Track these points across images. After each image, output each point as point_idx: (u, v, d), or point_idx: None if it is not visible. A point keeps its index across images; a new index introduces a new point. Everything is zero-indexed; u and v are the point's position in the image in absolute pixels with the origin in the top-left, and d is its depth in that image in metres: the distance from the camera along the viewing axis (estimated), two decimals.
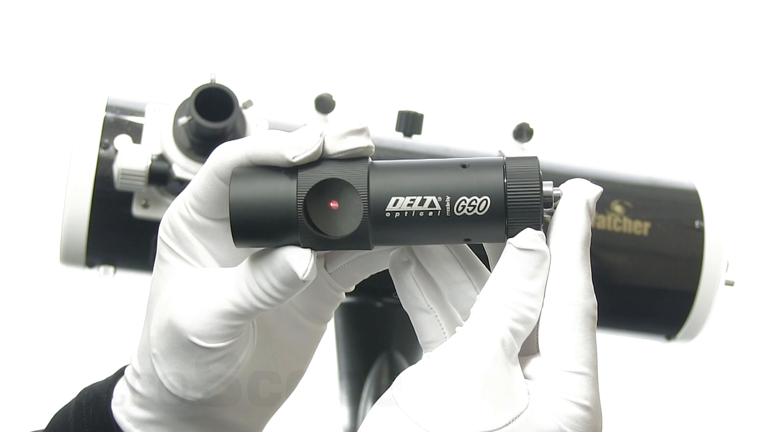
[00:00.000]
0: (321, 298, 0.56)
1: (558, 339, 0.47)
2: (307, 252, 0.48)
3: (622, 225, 0.91)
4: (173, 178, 0.80)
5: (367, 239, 0.47)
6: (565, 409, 0.46)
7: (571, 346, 0.47)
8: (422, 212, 0.47)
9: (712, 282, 0.92)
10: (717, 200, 0.95)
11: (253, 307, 0.50)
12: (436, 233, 0.47)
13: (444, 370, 0.46)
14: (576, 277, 0.48)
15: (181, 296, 0.52)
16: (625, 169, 0.97)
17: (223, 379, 0.53)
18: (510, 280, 0.47)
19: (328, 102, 0.89)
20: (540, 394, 0.46)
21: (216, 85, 0.79)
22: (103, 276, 0.86)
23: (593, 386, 0.47)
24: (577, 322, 0.47)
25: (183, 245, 0.52)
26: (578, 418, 0.46)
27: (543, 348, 0.47)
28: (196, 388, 0.53)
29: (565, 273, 0.48)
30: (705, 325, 0.93)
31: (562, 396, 0.46)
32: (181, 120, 0.79)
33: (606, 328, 0.96)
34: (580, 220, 0.48)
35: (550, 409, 0.46)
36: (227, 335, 0.51)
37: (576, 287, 0.47)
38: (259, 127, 0.86)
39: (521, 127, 0.93)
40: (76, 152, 0.82)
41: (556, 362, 0.47)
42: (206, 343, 0.51)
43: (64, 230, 0.83)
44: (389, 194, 0.47)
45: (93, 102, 0.85)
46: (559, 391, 0.46)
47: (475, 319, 0.47)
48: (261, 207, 0.48)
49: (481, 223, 0.47)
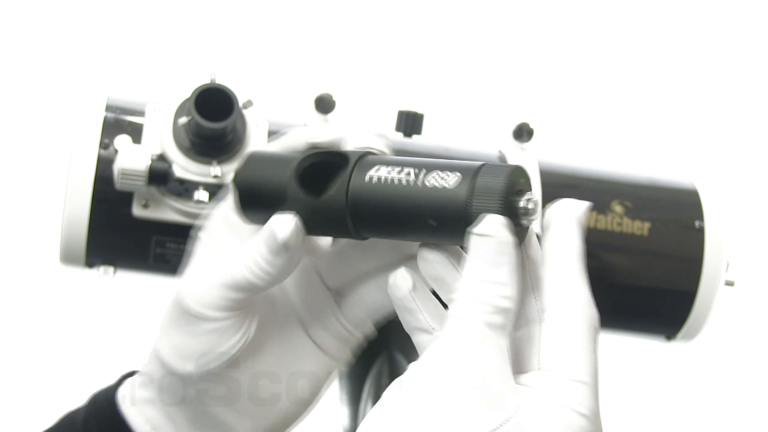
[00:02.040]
0: (326, 329, 0.57)
1: (559, 349, 0.47)
2: (289, 216, 0.50)
3: (622, 225, 0.91)
4: (173, 178, 0.80)
5: (344, 203, 0.49)
6: (560, 416, 0.45)
7: (571, 355, 0.46)
8: (397, 180, 0.48)
9: (712, 282, 0.92)
10: (717, 200, 0.95)
11: (246, 280, 0.51)
12: (406, 205, 0.48)
13: (426, 378, 0.45)
14: (576, 290, 0.48)
15: (190, 271, 0.55)
16: (625, 169, 0.97)
17: (214, 354, 0.53)
18: (475, 272, 0.46)
19: (328, 102, 0.89)
20: (535, 401, 0.45)
21: (216, 85, 0.79)
22: (103, 276, 0.86)
23: (593, 396, 0.46)
24: (579, 333, 0.47)
25: (211, 235, 0.55)
26: (575, 426, 0.45)
27: (545, 359, 0.47)
28: (186, 358, 0.54)
29: (565, 286, 0.47)
30: (705, 325, 0.93)
31: (559, 403, 0.45)
32: (181, 120, 0.79)
33: (606, 328, 0.96)
34: (573, 235, 0.48)
35: (545, 416, 0.45)
36: (223, 306, 0.52)
37: (577, 299, 0.48)
38: (259, 127, 0.86)
39: (521, 127, 0.93)
40: (76, 152, 0.82)
41: (555, 371, 0.46)
42: (202, 310, 0.53)
43: (64, 230, 0.83)
44: (375, 163, 0.49)
45: (93, 102, 0.85)
46: (555, 398, 0.45)
47: (450, 323, 0.46)
48: (261, 176, 0.51)
49: (446, 199, 0.46)
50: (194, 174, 0.80)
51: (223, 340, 0.53)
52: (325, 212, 0.50)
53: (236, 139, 0.81)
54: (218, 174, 0.79)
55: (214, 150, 0.80)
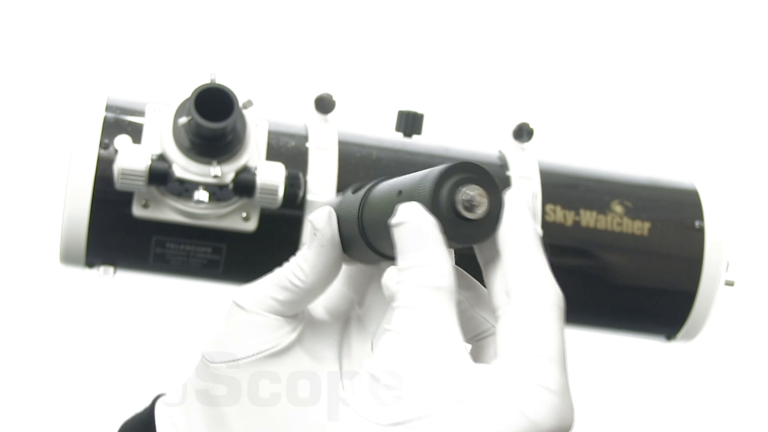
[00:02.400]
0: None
1: (524, 329, 0.46)
2: (325, 206, 0.53)
3: (622, 225, 0.91)
4: (173, 178, 0.80)
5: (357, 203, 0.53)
6: (524, 391, 0.44)
7: (537, 333, 0.46)
8: (386, 184, 0.52)
9: (712, 282, 0.92)
10: (717, 200, 0.95)
11: (286, 278, 0.53)
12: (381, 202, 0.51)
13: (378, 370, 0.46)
14: (538, 272, 0.47)
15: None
16: (625, 169, 0.97)
17: (243, 345, 0.54)
18: (404, 260, 0.47)
19: (328, 102, 0.89)
20: (496, 378, 0.45)
21: (216, 85, 0.79)
22: (103, 276, 0.86)
23: (560, 372, 0.45)
24: (544, 312, 0.46)
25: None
26: (540, 400, 0.44)
27: (511, 340, 0.46)
28: (220, 345, 0.55)
29: (527, 270, 0.47)
30: (705, 325, 0.93)
31: (523, 378, 0.45)
32: (181, 120, 0.79)
33: (606, 328, 0.96)
34: (524, 220, 0.48)
35: (506, 392, 0.44)
36: (264, 304, 0.54)
37: (540, 281, 0.47)
38: (259, 127, 0.86)
39: (521, 127, 0.93)
40: (76, 152, 0.82)
41: (521, 349, 0.45)
42: (242, 302, 0.54)
43: (64, 230, 0.83)
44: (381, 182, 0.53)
45: (93, 102, 0.85)
46: (519, 374, 0.45)
47: (394, 315, 0.47)
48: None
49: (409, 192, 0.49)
50: (194, 174, 0.80)
51: (253, 335, 0.54)
52: (348, 212, 0.53)
53: (236, 139, 0.81)
54: (218, 174, 0.79)
55: (214, 150, 0.80)
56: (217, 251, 0.85)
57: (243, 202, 0.83)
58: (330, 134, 0.88)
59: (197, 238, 0.84)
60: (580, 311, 0.94)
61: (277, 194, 0.81)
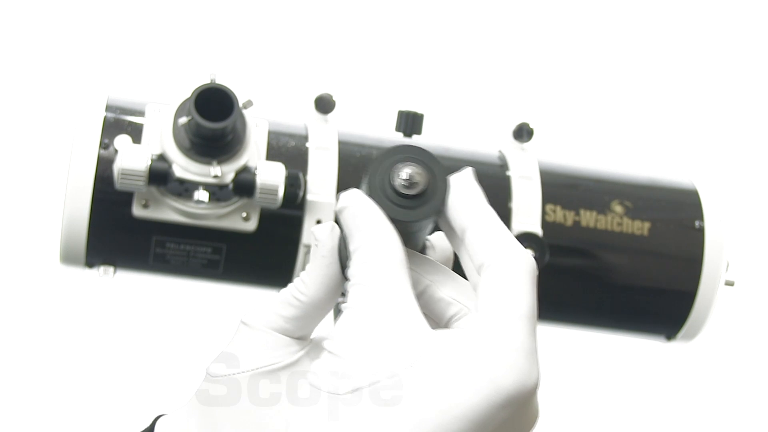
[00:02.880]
0: None
1: (489, 294, 0.46)
2: (329, 222, 0.54)
3: (622, 225, 0.91)
4: (173, 178, 0.80)
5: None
6: (482, 350, 0.44)
7: (501, 296, 0.45)
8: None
9: (712, 282, 0.92)
10: (717, 200, 0.95)
11: (289, 293, 0.53)
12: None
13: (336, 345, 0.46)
14: (498, 239, 0.47)
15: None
16: (625, 169, 0.97)
17: (249, 358, 0.53)
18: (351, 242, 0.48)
19: (328, 102, 0.89)
20: (453, 340, 0.44)
21: (216, 85, 0.79)
22: (103, 276, 0.86)
23: (524, 331, 0.44)
24: (506, 275, 0.46)
25: None
26: (499, 358, 0.43)
27: (480, 304, 0.46)
28: (222, 359, 0.54)
29: (487, 240, 0.47)
30: (705, 325, 0.93)
31: (481, 338, 0.44)
32: (181, 120, 0.79)
33: (606, 328, 0.96)
34: (474, 195, 0.48)
35: (463, 352, 0.44)
36: (269, 321, 0.53)
37: (501, 247, 0.47)
38: (259, 127, 0.86)
39: (521, 127, 0.93)
40: (76, 152, 0.82)
41: (483, 312, 0.45)
42: (247, 320, 0.54)
43: (64, 230, 0.83)
44: None
45: (93, 102, 0.85)
46: (478, 334, 0.44)
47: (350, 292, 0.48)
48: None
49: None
50: (194, 174, 0.80)
51: (253, 348, 0.53)
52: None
53: (236, 139, 0.81)
54: (218, 174, 0.79)
55: (214, 150, 0.80)
56: (217, 251, 0.85)
57: (243, 202, 0.83)
58: (330, 134, 0.88)
59: (197, 238, 0.84)
60: (580, 311, 0.94)
61: (277, 194, 0.81)
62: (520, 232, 0.87)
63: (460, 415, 0.43)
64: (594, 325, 0.95)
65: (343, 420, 0.44)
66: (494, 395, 0.43)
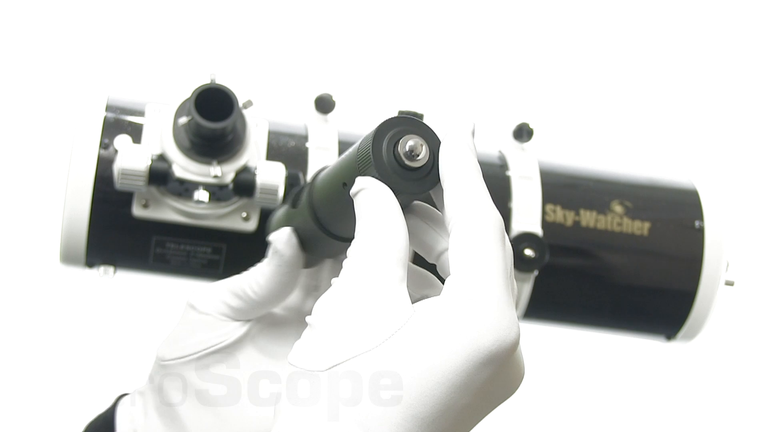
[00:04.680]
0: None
1: (457, 254, 0.45)
2: (285, 228, 0.55)
3: (622, 225, 0.91)
4: (173, 178, 0.80)
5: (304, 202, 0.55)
6: (458, 312, 0.43)
7: (469, 256, 0.45)
8: (329, 168, 0.54)
9: (712, 282, 0.92)
10: (717, 200, 0.95)
11: (241, 288, 0.55)
12: (330, 180, 0.53)
13: (318, 317, 0.46)
14: (473, 198, 0.47)
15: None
16: (625, 169, 0.97)
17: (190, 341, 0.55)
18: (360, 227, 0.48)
19: (328, 102, 0.89)
20: (430, 307, 0.44)
21: (216, 85, 0.79)
22: (103, 276, 0.86)
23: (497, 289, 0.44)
24: (474, 235, 0.46)
25: None
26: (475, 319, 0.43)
27: (451, 267, 0.46)
28: (168, 343, 0.57)
29: (456, 196, 0.47)
30: (705, 325, 0.93)
31: (455, 301, 0.44)
32: (181, 120, 0.79)
33: (606, 328, 0.96)
34: (458, 151, 0.48)
35: (440, 317, 0.44)
36: (216, 307, 0.56)
37: (468, 205, 0.46)
38: (259, 127, 0.86)
39: (521, 127, 0.94)
40: (76, 152, 0.82)
41: (454, 274, 0.45)
42: (195, 303, 0.56)
43: (64, 230, 0.83)
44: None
45: (93, 102, 0.85)
46: (452, 298, 0.44)
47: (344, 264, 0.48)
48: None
49: (347, 163, 0.51)
50: (194, 174, 0.80)
51: (200, 332, 0.55)
52: (303, 220, 0.55)
53: (236, 139, 0.81)
54: (218, 174, 0.79)
55: (214, 150, 0.80)
56: (217, 251, 0.85)
57: (243, 202, 0.83)
58: (330, 134, 0.88)
59: (197, 238, 0.84)
60: (580, 311, 0.94)
61: (277, 194, 0.81)
62: (520, 232, 0.88)
63: (442, 380, 0.43)
64: (594, 325, 0.95)
65: (323, 401, 0.44)
66: (474, 355, 0.43)
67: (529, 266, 0.87)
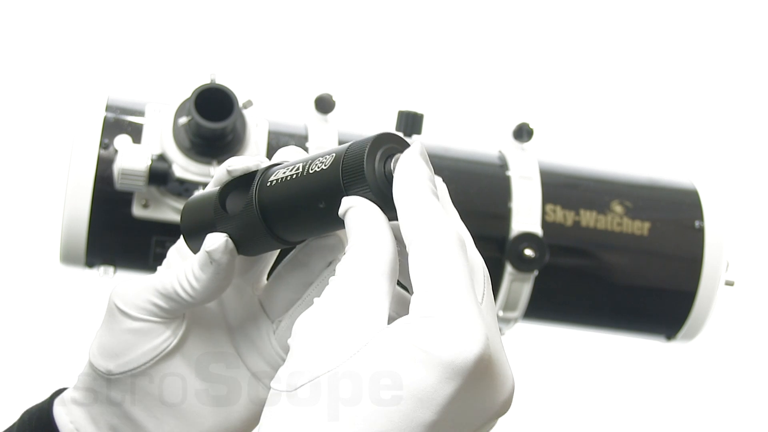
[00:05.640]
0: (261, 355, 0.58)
1: (414, 271, 0.45)
2: (219, 234, 0.54)
3: (622, 225, 0.91)
4: (173, 178, 0.80)
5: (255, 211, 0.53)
6: (417, 326, 0.43)
7: (424, 271, 0.45)
8: (289, 176, 0.52)
9: (712, 282, 0.92)
10: (717, 200, 0.95)
11: (173, 289, 0.54)
12: (298, 195, 0.51)
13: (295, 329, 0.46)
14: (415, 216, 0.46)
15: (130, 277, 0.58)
16: (625, 169, 0.97)
17: (134, 355, 0.55)
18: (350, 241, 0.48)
19: (328, 102, 0.89)
20: (394, 325, 0.44)
21: (216, 85, 0.79)
22: (103, 276, 0.86)
23: (457, 301, 0.44)
24: (427, 250, 0.45)
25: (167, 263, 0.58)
26: (433, 331, 0.43)
27: (413, 287, 0.46)
28: (107, 356, 0.56)
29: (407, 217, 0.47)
30: (705, 325, 0.93)
31: (415, 316, 0.44)
32: (181, 120, 0.79)
33: (606, 328, 0.96)
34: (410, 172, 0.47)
35: (402, 332, 0.43)
36: (147, 310, 0.55)
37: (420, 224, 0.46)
38: (259, 127, 0.86)
39: (521, 127, 0.94)
40: (76, 152, 0.82)
41: (416, 290, 0.45)
42: (125, 308, 0.55)
43: (64, 230, 0.83)
44: (275, 169, 0.53)
45: (93, 102, 0.85)
46: (414, 313, 0.44)
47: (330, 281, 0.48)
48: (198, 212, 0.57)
49: (324, 180, 0.50)
50: (194, 174, 0.80)
51: (142, 343, 0.55)
52: (246, 225, 0.54)
53: (236, 139, 0.81)
54: None
55: (214, 150, 0.80)
56: None
57: None
58: (330, 134, 0.88)
59: None
60: (580, 311, 0.94)
61: None
62: (520, 232, 0.88)
63: (406, 395, 0.42)
64: (594, 325, 0.95)
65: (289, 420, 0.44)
66: (435, 370, 0.42)
67: (529, 266, 0.87)
